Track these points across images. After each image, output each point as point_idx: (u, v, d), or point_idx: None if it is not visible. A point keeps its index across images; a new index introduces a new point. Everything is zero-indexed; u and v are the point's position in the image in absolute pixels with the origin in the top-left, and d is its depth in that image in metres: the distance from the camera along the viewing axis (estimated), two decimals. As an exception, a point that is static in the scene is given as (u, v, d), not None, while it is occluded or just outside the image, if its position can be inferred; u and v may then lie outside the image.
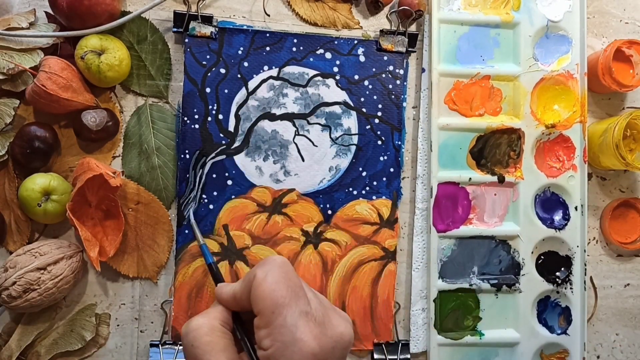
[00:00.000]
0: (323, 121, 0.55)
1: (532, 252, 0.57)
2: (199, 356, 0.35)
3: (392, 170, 0.56)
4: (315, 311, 0.34)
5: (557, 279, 0.57)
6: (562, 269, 0.57)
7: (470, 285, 0.56)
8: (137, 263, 0.52)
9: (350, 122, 0.55)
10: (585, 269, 0.57)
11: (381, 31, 0.56)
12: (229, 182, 0.53)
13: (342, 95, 0.55)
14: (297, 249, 0.54)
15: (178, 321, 0.52)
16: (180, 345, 0.51)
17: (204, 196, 0.53)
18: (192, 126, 0.53)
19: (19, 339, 0.49)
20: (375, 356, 0.54)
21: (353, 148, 0.55)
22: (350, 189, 0.55)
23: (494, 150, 0.57)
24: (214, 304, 0.39)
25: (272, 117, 0.54)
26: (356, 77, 0.55)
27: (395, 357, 0.54)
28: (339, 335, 0.35)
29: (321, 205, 0.54)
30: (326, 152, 0.55)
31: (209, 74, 0.53)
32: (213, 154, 0.53)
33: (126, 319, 0.52)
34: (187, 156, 0.52)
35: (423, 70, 0.57)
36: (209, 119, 0.53)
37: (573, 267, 0.57)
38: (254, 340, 0.35)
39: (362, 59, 0.55)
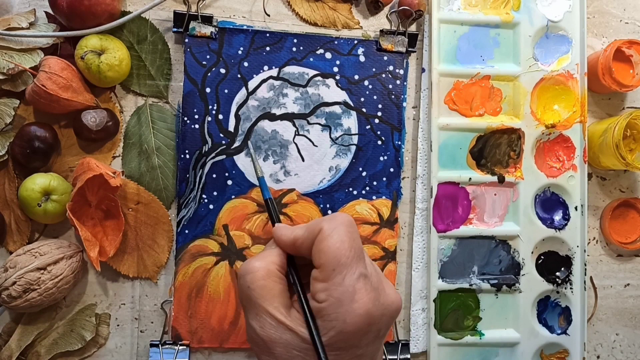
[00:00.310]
0: (323, 121, 0.55)
1: (532, 252, 0.57)
2: (253, 299, 0.35)
3: (392, 170, 0.56)
4: (372, 276, 0.35)
5: (557, 279, 0.57)
6: (562, 269, 0.57)
7: (470, 285, 0.56)
8: (137, 263, 0.52)
9: (350, 122, 0.55)
10: (585, 269, 0.57)
11: (381, 31, 0.56)
12: (229, 182, 0.53)
13: (342, 95, 0.55)
14: (297, 249, 0.54)
15: (178, 321, 0.52)
16: (181, 345, 0.51)
17: (204, 196, 0.53)
18: (192, 126, 0.53)
19: (19, 339, 0.49)
20: (375, 356, 0.54)
21: (353, 148, 0.55)
22: (350, 189, 0.55)
23: (494, 150, 0.57)
24: (270, 245, 0.39)
25: (272, 117, 0.54)
26: (356, 77, 0.55)
27: (395, 357, 0.54)
28: (390, 303, 0.35)
29: (321, 205, 0.54)
30: (326, 152, 0.55)
31: (209, 74, 0.53)
32: (213, 154, 0.53)
33: (126, 319, 0.52)
34: (187, 156, 0.52)
35: (423, 70, 0.57)
36: (209, 118, 0.53)
37: (573, 267, 0.57)
38: (306, 288, 0.36)
39: (362, 59, 0.55)
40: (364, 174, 0.55)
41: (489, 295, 0.56)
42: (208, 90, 0.53)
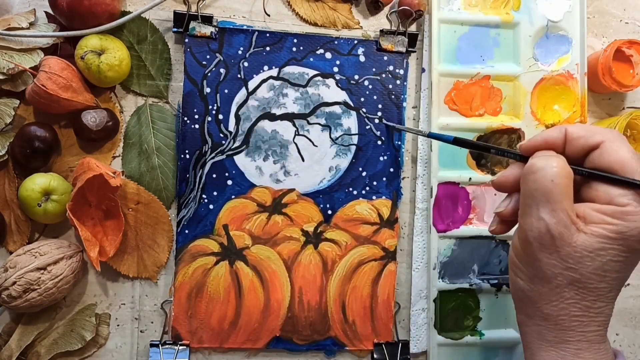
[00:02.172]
0: (323, 121, 0.55)
1: (532, 252, 0.57)
2: (555, 194, 0.36)
3: (392, 170, 0.56)
4: None
5: (557, 279, 0.57)
6: (562, 269, 0.57)
7: (470, 285, 0.56)
8: (137, 263, 0.52)
9: (350, 122, 0.55)
10: (585, 269, 0.57)
11: (381, 31, 0.56)
12: (229, 182, 0.53)
13: (342, 95, 0.55)
14: (297, 249, 0.54)
15: (178, 321, 0.52)
16: (181, 345, 0.51)
17: (204, 196, 0.53)
18: (192, 126, 0.53)
19: (19, 339, 0.49)
20: (375, 356, 0.54)
21: (353, 148, 0.55)
22: (350, 189, 0.55)
23: (494, 150, 0.57)
24: (541, 155, 0.38)
25: (272, 117, 0.54)
26: (356, 77, 0.55)
27: (396, 357, 0.54)
28: None
29: (321, 205, 0.54)
30: (326, 152, 0.55)
31: (209, 74, 0.53)
32: (213, 154, 0.53)
33: (126, 319, 0.52)
34: (187, 156, 0.53)
35: (423, 70, 0.57)
36: (209, 118, 0.53)
37: (573, 267, 0.57)
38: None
39: (362, 59, 0.55)
40: (364, 174, 0.55)
41: (489, 295, 0.56)
42: (208, 90, 0.53)
